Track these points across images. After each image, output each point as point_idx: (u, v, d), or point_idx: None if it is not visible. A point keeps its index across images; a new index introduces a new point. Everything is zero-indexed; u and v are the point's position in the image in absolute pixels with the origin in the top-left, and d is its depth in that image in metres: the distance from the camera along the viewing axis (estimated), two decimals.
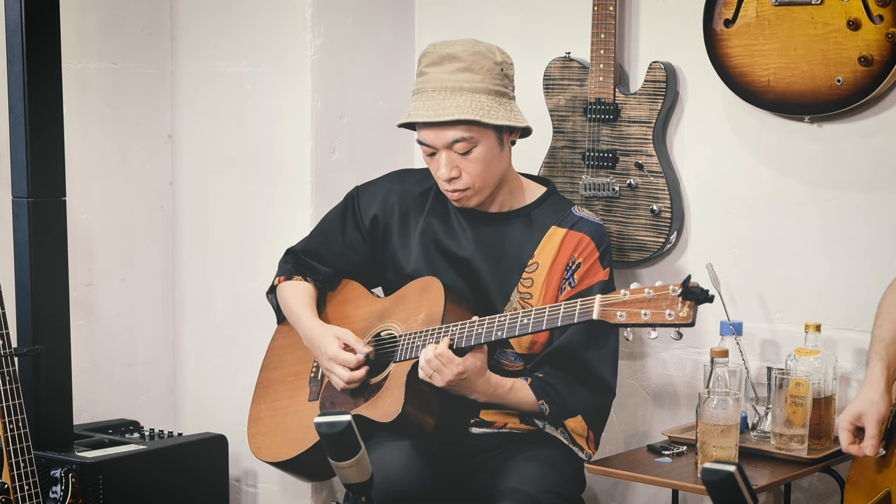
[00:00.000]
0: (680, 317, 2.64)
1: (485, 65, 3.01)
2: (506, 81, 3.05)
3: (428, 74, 3.03)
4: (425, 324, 3.03)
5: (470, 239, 3.13)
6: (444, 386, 2.93)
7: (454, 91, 2.99)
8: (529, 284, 3.07)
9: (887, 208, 3.19)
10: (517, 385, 3.03)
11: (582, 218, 3.11)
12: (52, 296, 3.40)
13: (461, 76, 3.00)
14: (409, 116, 3.03)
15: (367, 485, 2.43)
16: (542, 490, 2.91)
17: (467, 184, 3.04)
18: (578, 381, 3.02)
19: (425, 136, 3.02)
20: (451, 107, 2.97)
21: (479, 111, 2.97)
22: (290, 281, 3.30)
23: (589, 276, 3.05)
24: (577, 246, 3.07)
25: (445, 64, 3.02)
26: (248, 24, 3.80)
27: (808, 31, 3.14)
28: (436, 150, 3.02)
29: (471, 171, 3.02)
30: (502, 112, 3.01)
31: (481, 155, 3.02)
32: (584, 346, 3.02)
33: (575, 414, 3.02)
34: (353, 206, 3.29)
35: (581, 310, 2.77)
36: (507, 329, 2.88)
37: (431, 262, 3.14)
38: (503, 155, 3.06)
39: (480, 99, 2.99)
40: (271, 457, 3.20)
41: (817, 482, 3.29)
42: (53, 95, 3.39)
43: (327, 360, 3.09)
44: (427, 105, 2.99)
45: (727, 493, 2.02)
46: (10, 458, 3.08)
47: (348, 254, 3.28)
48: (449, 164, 3.02)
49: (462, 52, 3.01)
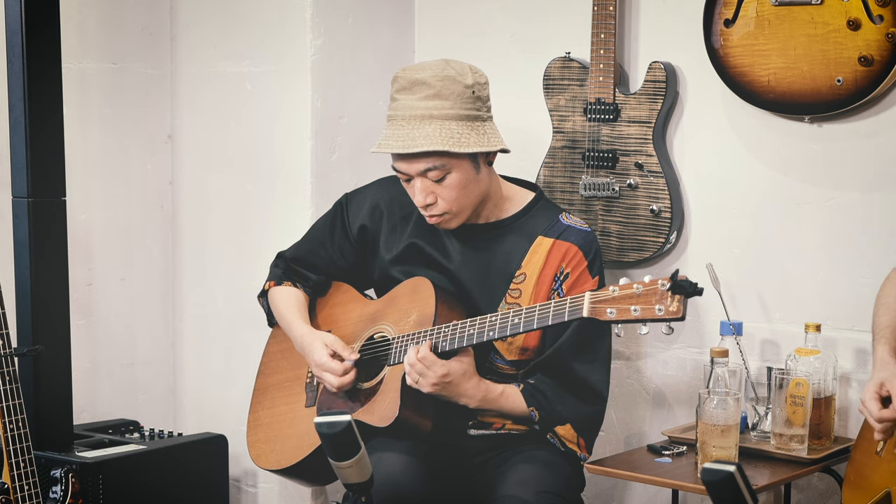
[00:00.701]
0: (670, 311, 2.64)
1: (455, 90, 2.97)
2: (478, 104, 3.00)
3: (398, 101, 3.00)
4: (417, 325, 3.03)
5: (457, 250, 3.12)
6: (430, 391, 2.93)
7: (423, 119, 2.96)
8: (517, 295, 3.06)
9: (887, 208, 3.19)
10: (508, 391, 3.03)
11: (570, 227, 3.09)
12: (52, 296, 3.40)
13: (430, 103, 2.96)
14: (379, 146, 3.00)
15: (367, 485, 2.43)
16: (541, 490, 2.91)
17: (444, 209, 3.02)
18: (569, 390, 3.02)
19: (398, 165, 3.01)
20: (420, 137, 2.94)
21: (449, 140, 2.94)
22: (281, 286, 3.30)
23: (578, 285, 3.03)
24: (565, 256, 3.05)
25: (415, 90, 2.98)
26: (248, 24, 3.80)
27: (808, 31, 3.14)
28: (411, 177, 3.01)
29: (446, 196, 3.00)
30: (474, 137, 2.97)
31: (456, 181, 2.99)
32: (575, 355, 3.01)
33: (564, 422, 3.02)
34: (341, 214, 3.28)
35: (571, 307, 2.77)
36: (499, 329, 2.88)
37: (418, 272, 3.13)
38: (480, 177, 3.03)
39: (451, 126, 2.95)
40: (272, 465, 3.20)
41: (817, 482, 3.29)
42: (53, 95, 3.39)
43: (315, 367, 3.11)
44: (397, 135, 2.97)
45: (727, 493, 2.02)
46: (10, 458, 3.08)
47: (337, 261, 3.28)
48: (424, 191, 3.00)
49: (431, 78, 2.97)
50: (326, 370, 3.07)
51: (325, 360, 3.08)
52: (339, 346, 3.10)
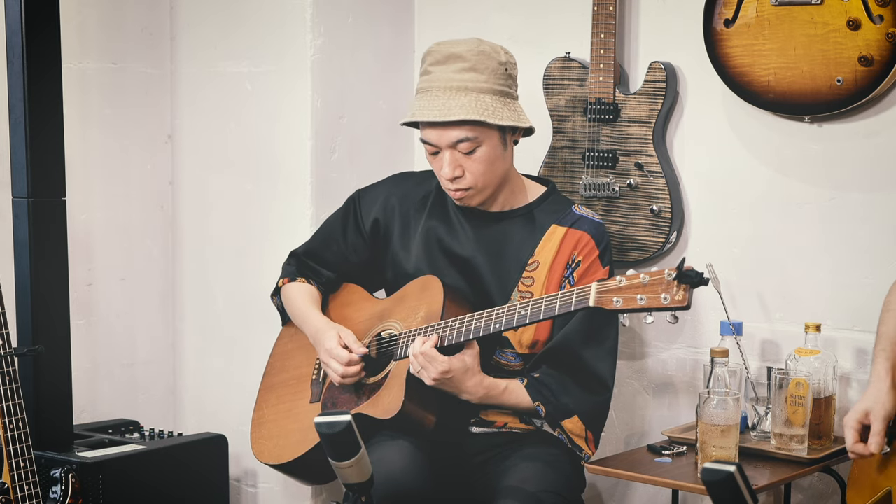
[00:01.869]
0: (675, 300, 2.65)
1: (489, 65, 3.01)
2: (510, 82, 3.05)
3: (432, 73, 3.03)
4: (425, 321, 3.04)
5: (471, 238, 3.14)
6: (432, 384, 2.94)
7: (459, 91, 2.99)
8: (530, 283, 3.07)
9: (887, 208, 3.19)
10: (511, 386, 3.03)
11: (582, 216, 3.12)
12: (52, 296, 3.40)
13: (466, 76, 3.00)
14: (413, 116, 3.03)
15: (367, 485, 2.43)
16: (542, 489, 2.91)
17: (470, 183, 3.04)
18: (574, 380, 3.02)
19: (429, 135, 3.02)
20: (456, 107, 2.97)
21: (484, 111, 2.97)
22: (294, 283, 3.31)
23: (589, 274, 3.05)
24: (577, 244, 3.07)
25: (450, 63, 3.01)
26: (248, 24, 3.80)
27: (808, 31, 3.14)
28: (439, 149, 3.02)
29: (474, 170, 3.03)
30: (507, 112, 3.01)
31: (485, 155, 3.02)
32: (582, 343, 3.02)
33: (571, 415, 3.02)
34: (354, 209, 3.29)
35: (578, 297, 2.78)
36: (506, 321, 2.89)
37: (433, 262, 3.15)
38: (506, 155, 3.07)
39: (485, 99, 2.99)
40: (273, 459, 3.21)
41: (817, 482, 3.29)
42: (53, 95, 3.39)
43: (324, 352, 3.12)
44: (431, 104, 2.99)
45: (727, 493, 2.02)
46: (10, 458, 3.08)
47: (349, 256, 3.29)
48: (452, 164, 3.02)
49: (467, 52, 3.01)
50: (333, 357, 3.08)
51: (333, 346, 3.09)
52: (350, 339, 3.11)
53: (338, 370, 3.09)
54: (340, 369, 3.08)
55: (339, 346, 3.09)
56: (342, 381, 3.10)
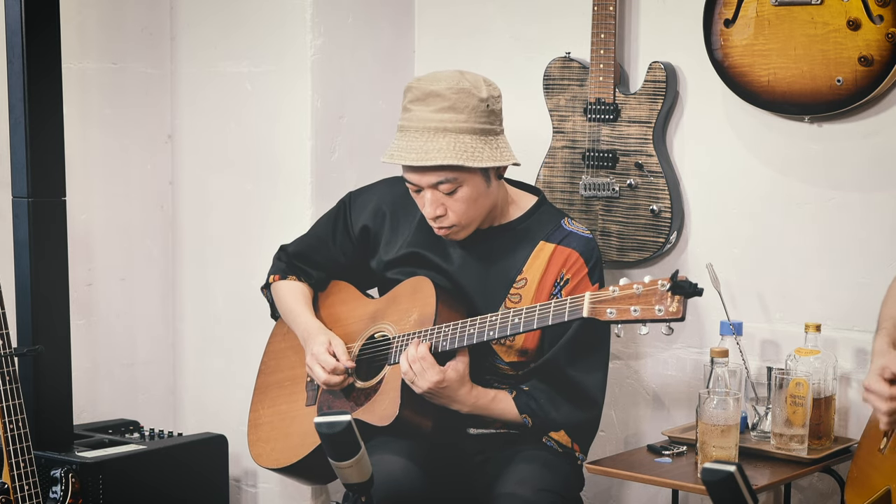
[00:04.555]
0: (670, 312, 2.64)
1: (469, 103, 2.95)
2: (492, 118, 2.99)
3: (412, 112, 2.98)
4: (417, 325, 3.03)
5: (458, 254, 3.12)
6: (422, 393, 2.93)
7: (437, 132, 2.94)
8: (517, 300, 3.05)
9: (887, 208, 3.19)
10: (499, 396, 3.03)
11: (571, 232, 3.09)
12: (52, 296, 3.40)
13: (445, 115, 2.94)
14: (391, 157, 2.99)
15: (367, 485, 2.43)
16: (540, 489, 2.91)
17: (453, 221, 3.02)
18: (563, 396, 3.01)
19: (409, 176, 3.00)
20: (434, 150, 2.93)
21: (463, 154, 2.93)
22: (286, 280, 3.31)
23: (577, 292, 3.02)
24: (566, 262, 3.05)
25: (429, 102, 2.96)
26: (248, 24, 3.80)
27: (808, 31, 3.14)
28: (421, 188, 3.01)
29: (456, 209, 3.00)
30: (487, 151, 2.96)
31: (466, 195, 2.98)
32: (572, 359, 3.00)
33: (558, 429, 3.02)
34: (344, 213, 3.29)
35: (571, 307, 2.77)
36: (499, 329, 2.88)
37: (418, 274, 3.13)
38: (490, 190, 3.02)
39: (464, 140, 2.94)
40: (272, 463, 3.20)
41: (817, 482, 3.29)
42: (53, 95, 3.39)
43: (311, 356, 3.11)
44: (410, 146, 2.95)
45: (727, 493, 2.02)
46: (10, 458, 3.08)
47: (338, 258, 3.29)
48: (434, 203, 2.99)
49: (446, 90, 2.95)
50: (319, 362, 3.08)
51: (320, 351, 3.08)
52: (339, 349, 3.10)
53: (321, 376, 3.08)
54: (324, 376, 3.07)
55: (326, 353, 3.08)
56: (324, 387, 3.10)
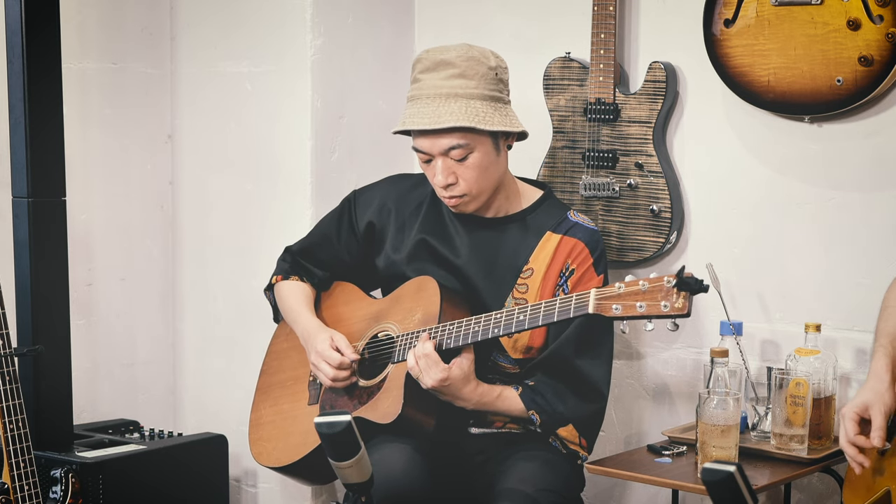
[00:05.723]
0: (675, 307, 2.64)
1: (479, 70, 3.00)
2: (500, 86, 3.04)
3: (422, 81, 3.02)
4: (421, 324, 3.03)
5: (465, 244, 3.13)
6: (429, 388, 2.94)
7: (449, 97, 2.98)
8: (524, 290, 3.07)
9: (887, 208, 3.19)
10: (505, 393, 3.03)
11: (577, 223, 3.11)
12: (52, 296, 3.40)
13: (456, 82, 2.99)
14: (403, 124, 3.02)
15: (367, 485, 2.43)
16: (541, 489, 2.91)
17: (464, 190, 3.04)
18: (569, 388, 3.02)
19: (421, 143, 3.02)
20: (447, 114, 2.96)
21: (475, 118, 2.96)
22: (288, 281, 3.31)
23: (583, 282, 3.04)
24: (571, 252, 3.07)
25: (440, 70, 3.00)
26: (248, 24, 3.80)
27: (808, 31, 3.14)
28: (432, 157, 3.02)
29: (467, 177, 3.02)
30: (497, 117, 3.00)
31: (477, 161, 3.01)
32: (577, 351, 3.01)
33: (566, 423, 3.03)
34: (349, 210, 3.29)
35: (577, 304, 2.78)
36: (504, 326, 2.89)
37: (425, 268, 3.14)
38: (499, 160, 3.06)
39: (475, 105, 2.98)
40: (273, 462, 3.20)
41: (817, 482, 3.29)
42: (53, 95, 3.39)
43: (315, 355, 3.11)
44: (422, 112, 2.99)
45: (727, 493, 2.02)
46: (10, 458, 3.08)
47: (343, 257, 3.29)
48: (445, 171, 3.01)
49: (456, 58, 3.00)
50: (324, 359, 3.08)
51: (324, 348, 3.09)
52: (342, 344, 3.10)
53: (328, 373, 3.08)
54: (331, 372, 3.08)
55: (330, 349, 3.09)
56: (332, 384, 3.10)
